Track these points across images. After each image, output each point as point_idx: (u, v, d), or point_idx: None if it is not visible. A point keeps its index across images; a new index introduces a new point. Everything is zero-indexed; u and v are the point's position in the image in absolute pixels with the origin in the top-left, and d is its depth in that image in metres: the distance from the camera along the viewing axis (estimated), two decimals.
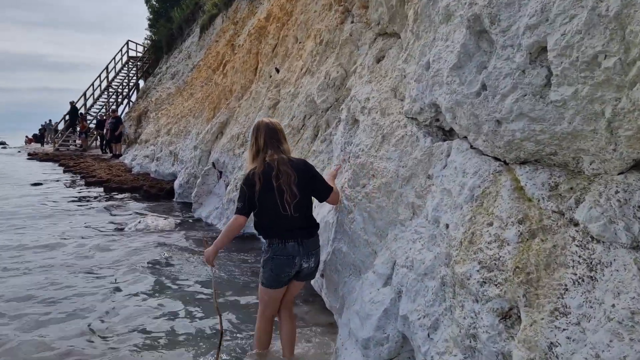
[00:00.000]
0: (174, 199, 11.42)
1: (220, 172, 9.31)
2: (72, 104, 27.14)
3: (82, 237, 7.33)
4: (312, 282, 4.29)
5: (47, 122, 34.32)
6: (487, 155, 2.36)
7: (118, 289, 5.05)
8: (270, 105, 7.14)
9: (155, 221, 8.10)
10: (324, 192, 3.30)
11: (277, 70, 7.60)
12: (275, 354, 3.48)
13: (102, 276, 5.47)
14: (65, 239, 7.24)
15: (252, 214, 3.15)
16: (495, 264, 1.96)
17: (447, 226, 2.38)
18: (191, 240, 7.33)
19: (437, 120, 2.90)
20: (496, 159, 2.31)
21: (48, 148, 30.71)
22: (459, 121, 2.49)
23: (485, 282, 1.97)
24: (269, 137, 3.16)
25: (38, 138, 37.88)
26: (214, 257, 3.18)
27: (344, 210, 3.49)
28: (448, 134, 2.90)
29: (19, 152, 32.83)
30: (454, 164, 2.52)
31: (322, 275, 4.05)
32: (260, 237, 3.20)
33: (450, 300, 2.17)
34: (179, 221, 8.69)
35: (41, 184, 14.26)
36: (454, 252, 2.19)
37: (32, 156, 26.76)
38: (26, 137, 43.58)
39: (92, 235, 7.53)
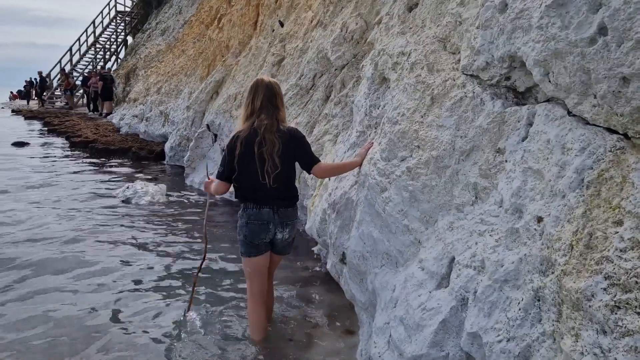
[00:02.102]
0: (165, 162, 10.77)
1: (215, 135, 8.62)
2: (40, 74, 27.00)
3: (68, 207, 6.69)
4: (329, 267, 3.72)
5: (38, 78, 32.87)
6: (596, 125, 1.75)
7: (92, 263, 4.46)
8: (275, 62, 6.42)
9: (145, 187, 7.45)
10: (307, 164, 3.11)
11: (282, 24, 6.85)
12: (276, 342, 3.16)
13: (84, 250, 4.87)
14: (43, 207, 6.59)
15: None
16: (637, 282, 1.37)
17: (539, 220, 1.78)
18: (180, 207, 6.72)
19: (508, 78, 2.27)
20: (611, 130, 1.70)
21: (33, 105, 29.60)
22: (556, 78, 1.86)
23: (619, 307, 1.38)
24: (266, 100, 3.02)
25: (23, 95, 36.19)
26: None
27: (375, 188, 2.88)
28: (521, 97, 2.27)
29: (2, 108, 31.64)
30: (544, 135, 1.91)
31: (341, 261, 3.48)
32: (237, 200, 3.15)
33: (553, 324, 1.60)
34: (170, 187, 8.06)
35: (27, 143, 13.45)
36: (559, 259, 1.60)
37: (17, 113, 25.73)
38: (11, 92, 42.14)
39: (78, 204, 6.89)
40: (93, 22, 28.20)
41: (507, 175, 2.06)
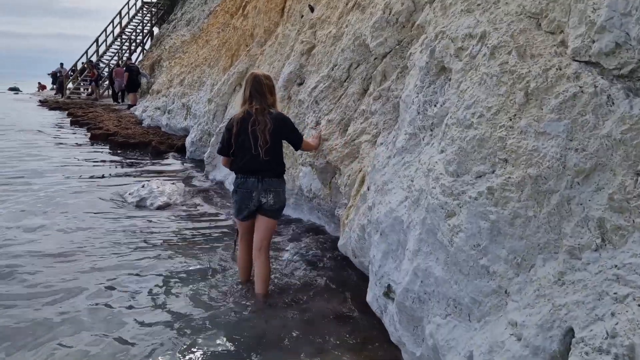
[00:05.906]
0: (186, 157, 10.22)
1: None
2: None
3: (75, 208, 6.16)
4: (369, 299, 3.05)
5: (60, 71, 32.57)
6: None
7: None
8: (304, 50, 5.73)
9: (162, 186, 6.86)
10: (296, 143, 3.82)
11: (312, 9, 6.16)
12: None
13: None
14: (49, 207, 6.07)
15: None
16: None
17: None
18: (199, 208, 6.13)
19: None
20: None
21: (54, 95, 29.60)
22: None
23: None
24: (254, 89, 3.56)
25: (57, 86, 34.07)
26: None
27: (437, 211, 2.19)
28: None
29: (30, 98, 31.74)
30: None
31: (385, 295, 2.82)
32: (232, 170, 3.73)
33: None
34: (189, 186, 7.48)
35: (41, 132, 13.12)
36: None
37: (43, 104, 25.65)
38: (39, 83, 42.34)
39: (87, 203, 6.36)
40: (119, 12, 27.95)
41: None
